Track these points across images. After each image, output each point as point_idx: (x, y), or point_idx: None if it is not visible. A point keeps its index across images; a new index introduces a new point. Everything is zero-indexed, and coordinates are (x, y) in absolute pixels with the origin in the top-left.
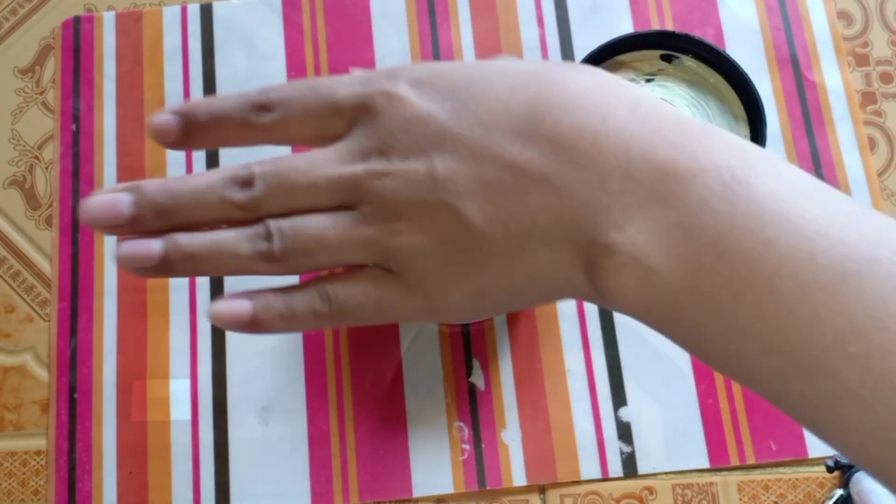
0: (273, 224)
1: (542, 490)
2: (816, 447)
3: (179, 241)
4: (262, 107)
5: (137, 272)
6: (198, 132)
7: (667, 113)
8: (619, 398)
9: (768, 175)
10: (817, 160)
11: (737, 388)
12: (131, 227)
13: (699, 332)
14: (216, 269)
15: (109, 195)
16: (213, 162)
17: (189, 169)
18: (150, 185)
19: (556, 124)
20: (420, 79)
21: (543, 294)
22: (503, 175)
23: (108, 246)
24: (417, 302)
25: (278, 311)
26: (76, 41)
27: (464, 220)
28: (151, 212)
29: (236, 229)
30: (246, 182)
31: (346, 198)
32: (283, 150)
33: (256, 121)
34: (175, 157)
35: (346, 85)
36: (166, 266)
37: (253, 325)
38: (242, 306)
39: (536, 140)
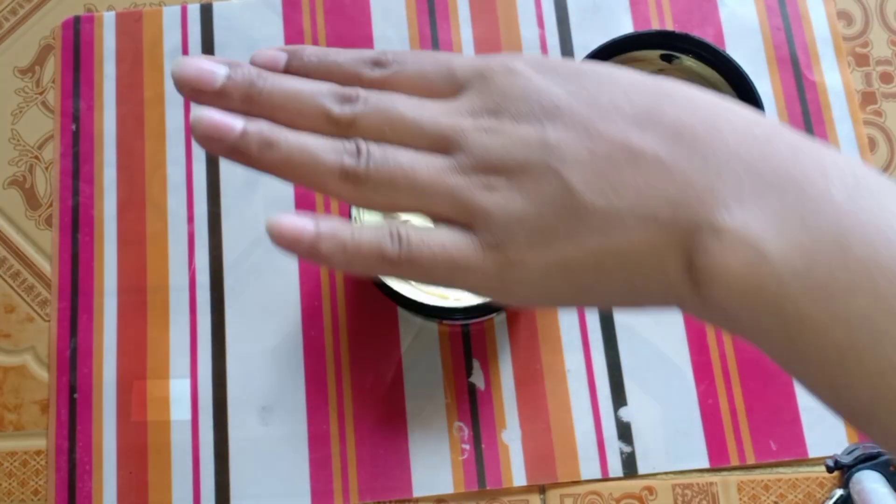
0: (364, 143)
1: (542, 490)
2: (816, 447)
3: (264, 126)
4: (378, 62)
5: (208, 144)
6: (301, 71)
7: (786, 130)
8: (619, 398)
9: (882, 178)
10: None
11: (737, 388)
12: (215, 98)
13: (801, 324)
14: (291, 172)
15: (208, 62)
16: (213, 165)
17: (189, 169)
18: (251, 68)
19: (678, 117)
20: (541, 62)
21: (628, 283)
22: (614, 151)
23: (109, 246)
24: (493, 269)
25: (343, 241)
26: (76, 41)
27: (567, 185)
28: (242, 92)
29: (326, 139)
30: (348, 99)
31: (445, 147)
32: None
33: (367, 74)
34: (175, 157)
35: (464, 57)
36: (241, 146)
37: (312, 250)
38: (306, 225)
39: (655, 127)
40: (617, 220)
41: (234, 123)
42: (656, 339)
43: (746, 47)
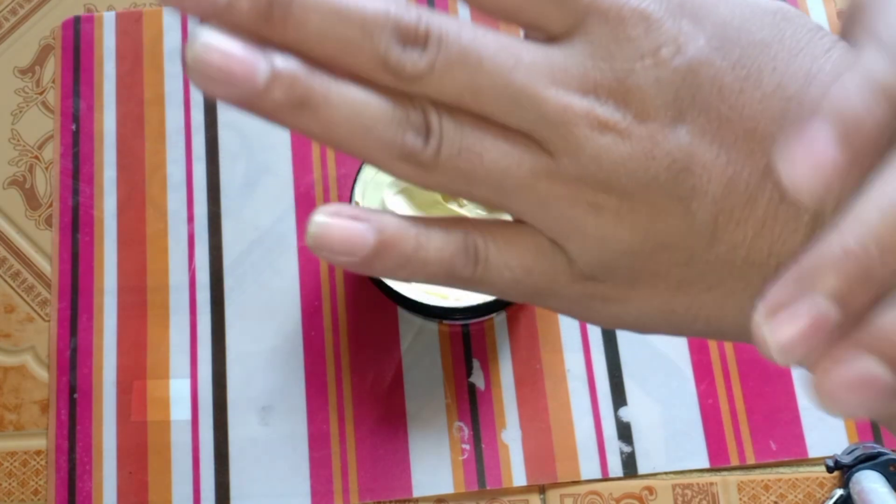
0: (436, 120)
1: (542, 490)
2: (816, 447)
3: (298, 73)
4: None
5: (212, 88)
6: None
7: None
8: (619, 398)
9: None
10: None
11: (737, 388)
12: (224, 11)
13: None
14: (332, 141)
15: None
16: (212, 165)
17: (189, 169)
18: None
19: None
20: (698, 8)
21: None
22: (763, 186)
23: (109, 246)
24: (581, 299)
25: (406, 256)
26: (76, 41)
27: (694, 227)
28: (261, 9)
29: (382, 99)
30: (415, 37)
31: (545, 138)
32: None
33: None
34: (175, 157)
35: None
36: (265, 102)
37: (366, 263)
38: (364, 238)
39: None
40: (742, 280)
41: (257, 65)
42: (656, 339)
43: None
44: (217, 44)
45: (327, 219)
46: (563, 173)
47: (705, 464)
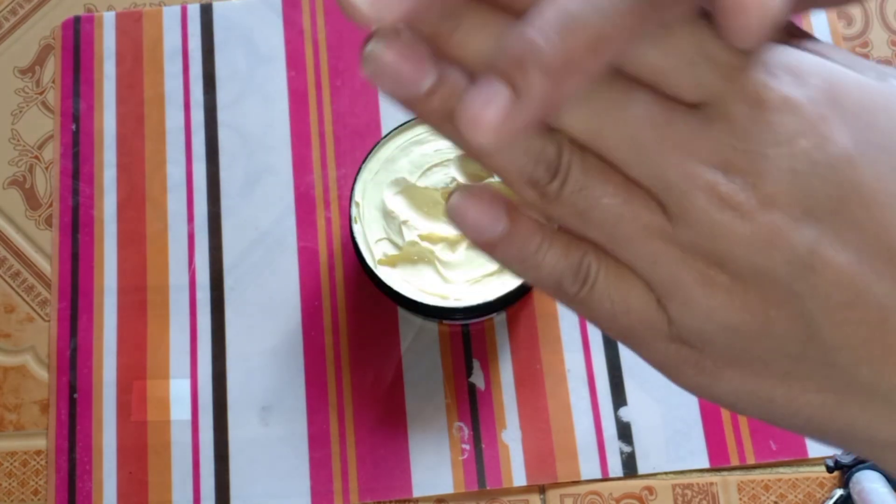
0: (566, 158)
1: (542, 490)
2: (816, 447)
3: (456, 88)
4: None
5: (382, 83)
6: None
7: None
8: (619, 398)
9: None
10: None
11: None
12: (409, 13)
13: None
14: (474, 152)
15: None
16: (212, 165)
17: (189, 169)
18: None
19: None
20: (845, 97)
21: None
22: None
23: (109, 246)
24: (672, 359)
25: (523, 257)
26: (76, 41)
27: (809, 327)
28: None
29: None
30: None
31: (663, 194)
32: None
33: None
34: (175, 157)
35: (725, 50)
36: (422, 103)
37: (489, 246)
38: (494, 225)
39: None
40: (862, 398)
41: (424, 73)
42: None
43: None
44: (390, 49)
45: (465, 201)
46: (677, 238)
47: (705, 464)
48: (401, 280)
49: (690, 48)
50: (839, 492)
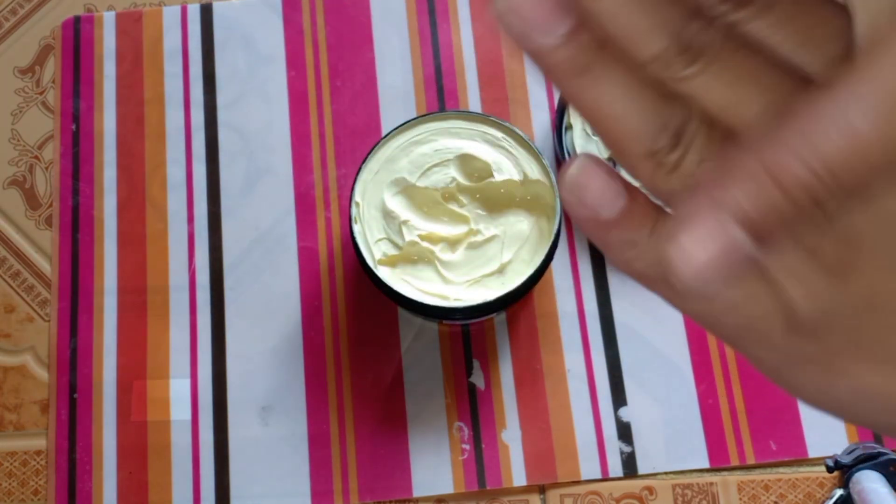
0: (693, 127)
1: (542, 490)
2: (816, 447)
3: (589, 43)
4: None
5: (511, 28)
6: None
7: None
8: (619, 398)
9: None
10: None
11: (737, 388)
12: None
13: None
14: (595, 113)
15: None
16: (212, 164)
17: (189, 169)
18: None
19: None
20: None
21: None
22: None
23: (109, 246)
24: (793, 355)
25: (640, 235)
26: (76, 41)
27: None
28: None
29: (653, 93)
30: (687, 48)
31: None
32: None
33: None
34: (175, 157)
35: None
36: (551, 54)
37: (603, 228)
38: (617, 196)
39: None
40: None
41: (556, 23)
42: (656, 339)
43: None
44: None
45: (587, 170)
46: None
47: (705, 464)
48: (401, 280)
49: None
50: (839, 492)
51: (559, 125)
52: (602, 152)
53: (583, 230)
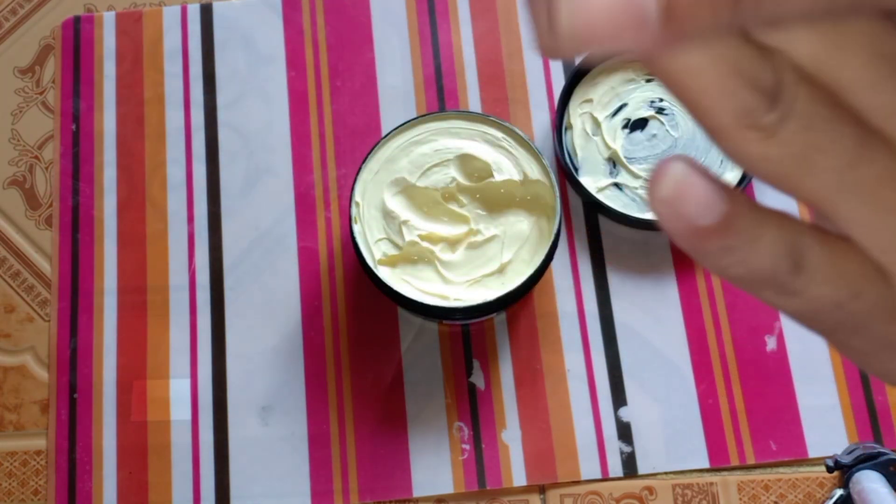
0: (790, 81)
1: (542, 490)
2: (816, 447)
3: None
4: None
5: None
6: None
7: None
8: (619, 398)
9: None
10: None
11: (737, 389)
12: None
13: None
14: (681, 93)
15: None
16: (212, 164)
17: (189, 169)
18: None
19: None
20: None
21: None
22: None
23: (109, 246)
24: (891, 343)
25: (739, 241)
26: (76, 41)
27: None
28: None
29: (743, 50)
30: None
31: None
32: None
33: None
34: (175, 157)
35: None
36: (634, 42)
37: (701, 236)
38: (718, 200)
39: None
40: None
41: (646, 6)
42: (656, 339)
43: None
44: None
45: (691, 172)
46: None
47: (705, 464)
48: (401, 280)
49: None
50: (839, 492)
51: (559, 125)
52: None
53: (675, 240)
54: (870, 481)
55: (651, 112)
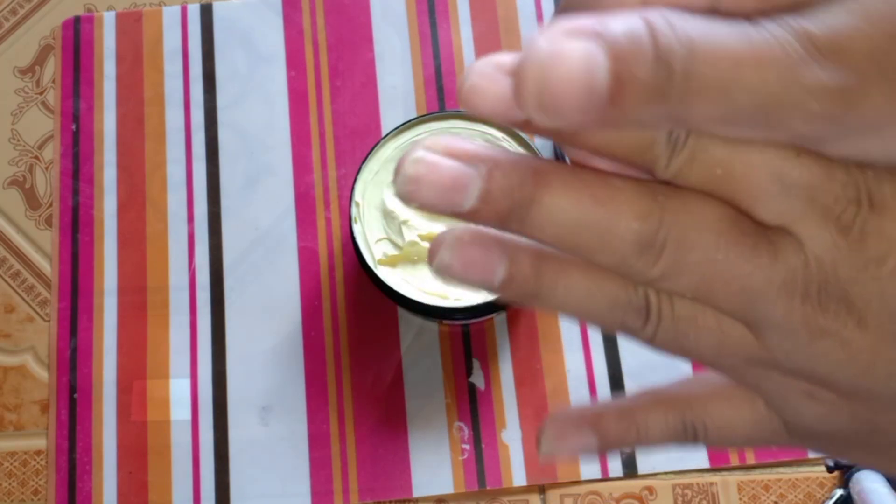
0: (655, 306)
1: (542, 490)
2: None
3: (528, 274)
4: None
5: (460, 279)
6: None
7: None
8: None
9: None
10: None
11: None
12: (468, 215)
13: None
14: (561, 311)
15: (453, 168)
16: (212, 165)
17: (189, 169)
18: (508, 170)
19: None
20: None
21: None
22: None
23: (109, 246)
24: (799, 445)
25: (630, 441)
26: (76, 41)
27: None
28: (501, 209)
29: (606, 284)
30: (649, 246)
31: (764, 332)
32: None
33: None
34: (175, 157)
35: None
36: (501, 290)
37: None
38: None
39: None
40: None
41: (495, 267)
42: None
43: None
44: (468, 238)
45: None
46: (779, 366)
47: (705, 464)
48: (401, 280)
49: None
50: (839, 492)
51: None
52: None
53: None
54: (870, 481)
55: None
